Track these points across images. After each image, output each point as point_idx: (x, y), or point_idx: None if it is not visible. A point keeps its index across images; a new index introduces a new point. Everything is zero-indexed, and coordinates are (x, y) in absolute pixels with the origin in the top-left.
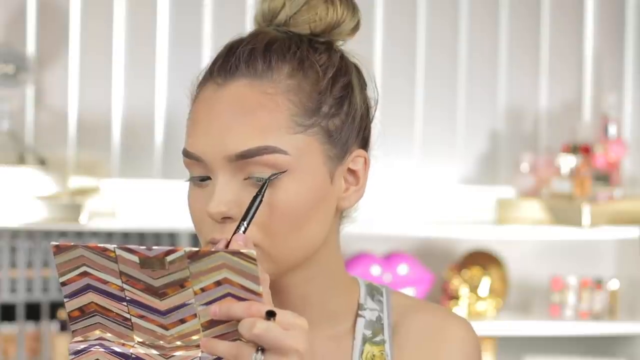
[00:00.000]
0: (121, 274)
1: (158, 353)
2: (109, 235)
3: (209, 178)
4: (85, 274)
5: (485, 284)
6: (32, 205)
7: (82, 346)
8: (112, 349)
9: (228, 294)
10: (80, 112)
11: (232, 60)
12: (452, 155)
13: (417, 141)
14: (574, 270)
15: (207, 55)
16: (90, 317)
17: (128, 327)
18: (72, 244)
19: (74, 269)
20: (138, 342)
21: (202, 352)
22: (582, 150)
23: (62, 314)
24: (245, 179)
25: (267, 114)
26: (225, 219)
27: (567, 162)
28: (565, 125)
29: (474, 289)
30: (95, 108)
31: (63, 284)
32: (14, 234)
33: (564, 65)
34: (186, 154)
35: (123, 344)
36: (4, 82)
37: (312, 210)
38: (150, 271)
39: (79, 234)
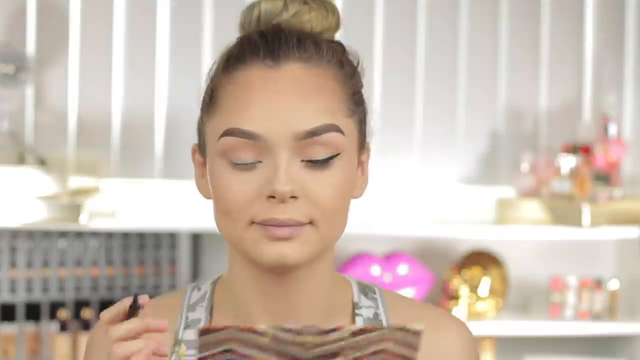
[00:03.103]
0: (271, 349)
1: None
2: (109, 235)
3: (258, 162)
4: (229, 351)
5: (485, 284)
6: (32, 205)
7: None
8: None
9: None
10: (80, 112)
11: (281, 44)
12: (452, 155)
13: (417, 141)
14: (574, 270)
15: (207, 56)
16: None
17: None
18: (223, 326)
19: (218, 346)
20: None
21: None
22: (582, 150)
23: (62, 314)
24: (302, 161)
25: (328, 95)
26: (291, 198)
27: (567, 162)
28: (565, 125)
29: (474, 289)
30: (95, 108)
31: (202, 359)
32: (14, 234)
33: (564, 65)
34: (240, 133)
35: None
36: (4, 82)
37: (349, 194)
38: (304, 345)
39: (79, 234)
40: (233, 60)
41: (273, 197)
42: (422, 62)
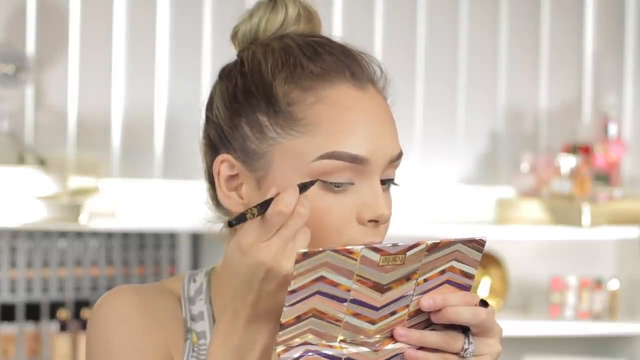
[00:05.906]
0: (355, 274)
1: (368, 349)
2: (109, 235)
3: (350, 183)
4: (320, 278)
5: (485, 284)
6: (32, 205)
7: (296, 354)
8: (324, 353)
9: (447, 282)
10: (80, 112)
11: (362, 66)
12: (452, 155)
13: (417, 141)
14: (574, 270)
15: (207, 56)
16: (303, 321)
17: (337, 326)
18: (321, 249)
19: (311, 275)
20: (340, 340)
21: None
22: (582, 150)
23: (62, 314)
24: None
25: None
26: None
27: (567, 162)
28: (565, 125)
29: (474, 289)
30: (95, 108)
31: (292, 291)
32: (14, 234)
33: (564, 65)
34: (347, 157)
35: (327, 345)
36: (4, 82)
37: None
38: (386, 268)
39: (79, 234)
40: (314, 77)
41: (376, 221)
42: (422, 62)
